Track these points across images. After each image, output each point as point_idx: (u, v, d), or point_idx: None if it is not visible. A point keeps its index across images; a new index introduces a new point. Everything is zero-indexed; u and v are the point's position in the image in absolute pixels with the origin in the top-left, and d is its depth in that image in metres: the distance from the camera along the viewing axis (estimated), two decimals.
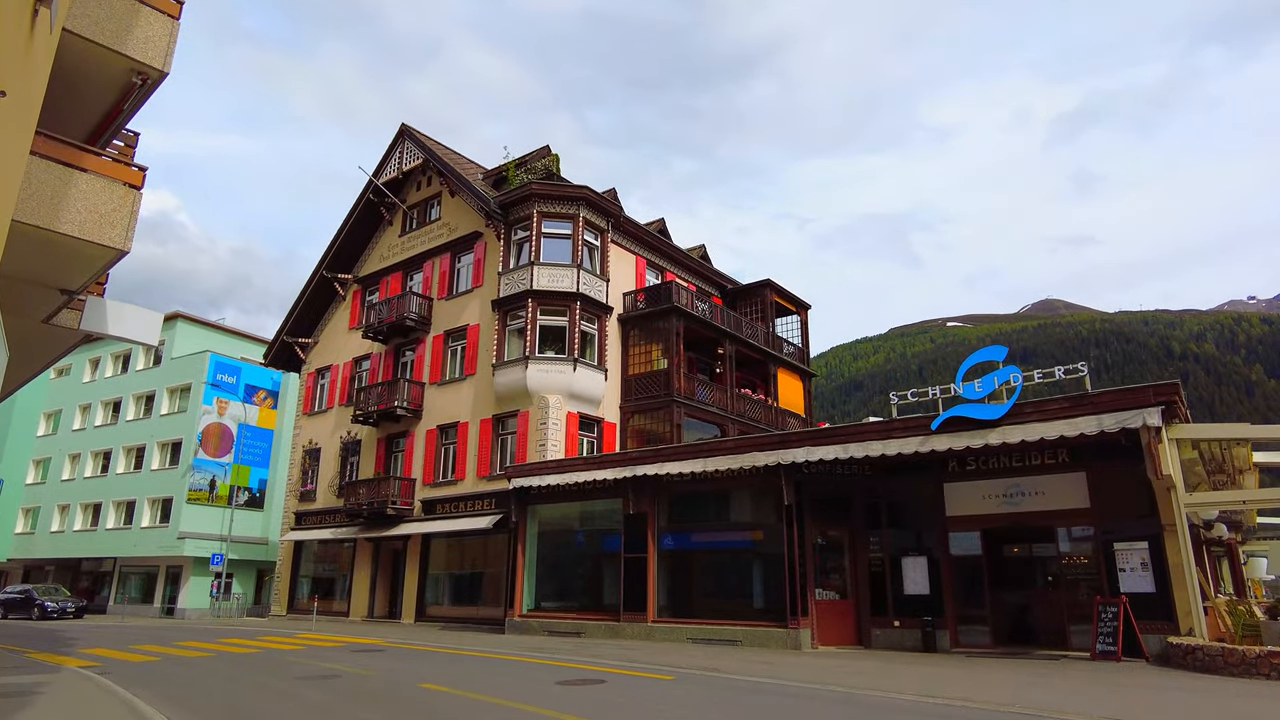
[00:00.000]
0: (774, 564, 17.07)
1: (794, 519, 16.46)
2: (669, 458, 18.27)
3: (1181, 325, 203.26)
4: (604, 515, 20.44)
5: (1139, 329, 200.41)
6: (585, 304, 25.60)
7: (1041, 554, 15.98)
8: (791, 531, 16.40)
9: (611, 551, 19.65)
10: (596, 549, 20.55)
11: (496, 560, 24.65)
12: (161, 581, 38.09)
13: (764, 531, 17.54)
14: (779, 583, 16.80)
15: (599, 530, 20.66)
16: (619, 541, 19.22)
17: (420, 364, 28.79)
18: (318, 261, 33.17)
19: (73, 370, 45.60)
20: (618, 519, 19.58)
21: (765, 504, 17.74)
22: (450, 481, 26.20)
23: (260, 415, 40.87)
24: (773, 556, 17.16)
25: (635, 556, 18.61)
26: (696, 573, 18.62)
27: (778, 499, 17.04)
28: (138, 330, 12.15)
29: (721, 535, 18.27)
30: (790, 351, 33.29)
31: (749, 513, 18.24)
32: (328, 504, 30.32)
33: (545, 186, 26.20)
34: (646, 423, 26.27)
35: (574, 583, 20.93)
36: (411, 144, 30.73)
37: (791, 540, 16.35)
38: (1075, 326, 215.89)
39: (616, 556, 19.25)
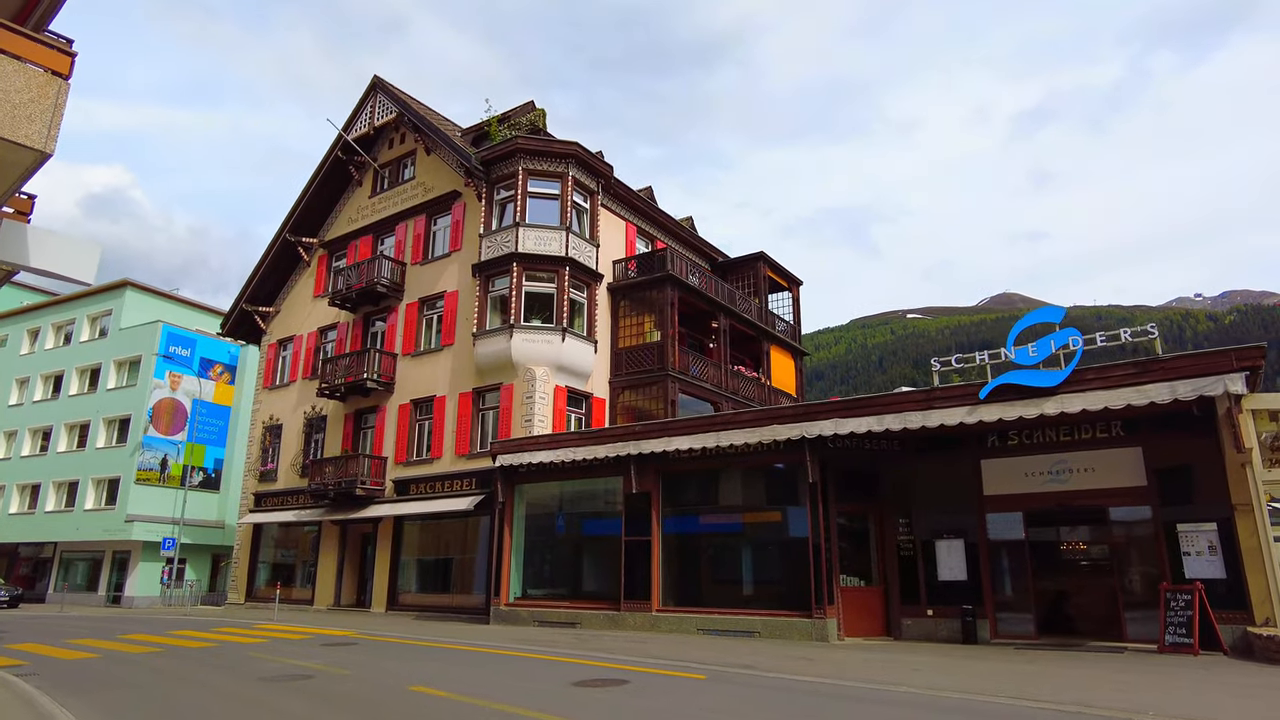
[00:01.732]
0: (794, 548, 15.54)
1: (819, 498, 14.92)
2: (677, 431, 16.60)
3: (1133, 321, 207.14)
4: (601, 495, 18.73)
5: (1093, 324, 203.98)
6: (575, 269, 23.74)
7: (1090, 536, 14.64)
8: (816, 512, 14.86)
9: (610, 535, 17.95)
10: (593, 532, 18.83)
11: (477, 544, 22.80)
12: (107, 568, 35.49)
13: (782, 512, 15.99)
14: (800, 568, 15.28)
15: (596, 512, 18.95)
16: (618, 524, 17.52)
17: (392, 334, 26.69)
18: (280, 224, 30.77)
19: (8, 341, 42.42)
20: (617, 499, 17.87)
21: (784, 482, 16.19)
22: (425, 460, 24.22)
23: (217, 391, 38.34)
24: (792, 540, 15.63)
25: (637, 540, 16.93)
26: (706, 558, 17.01)
27: (799, 477, 15.52)
28: (67, 263, 10.06)
29: (734, 517, 16.66)
30: (783, 329, 31.81)
31: (765, 492, 16.68)
32: (290, 484, 28.12)
33: (532, 142, 24.22)
34: (638, 399, 24.56)
35: (567, 569, 19.21)
36: (384, 97, 28.47)
37: (816, 522, 14.81)
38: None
39: (616, 540, 17.55)
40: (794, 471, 15.73)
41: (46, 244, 9.97)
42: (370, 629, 17.72)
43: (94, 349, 38.75)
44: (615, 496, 17.94)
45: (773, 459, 15.91)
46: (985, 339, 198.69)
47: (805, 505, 15.16)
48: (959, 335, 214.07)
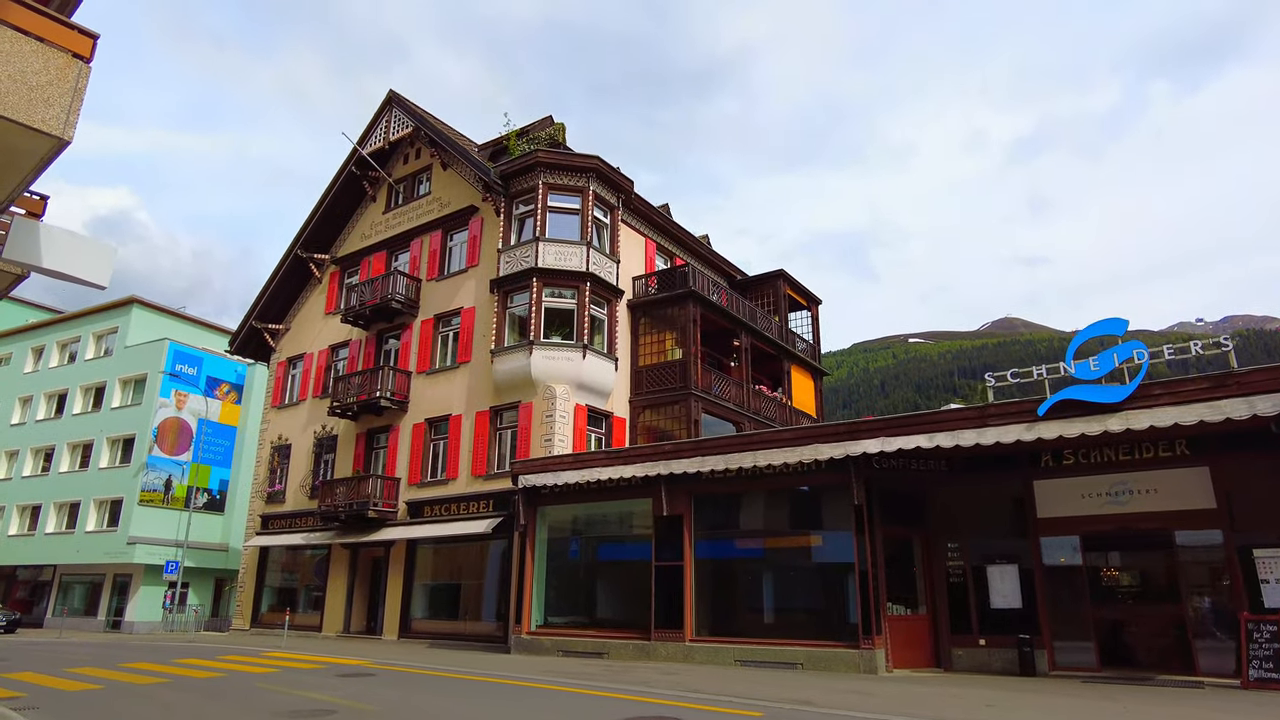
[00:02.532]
0: (837, 574, 14.75)
1: (865, 522, 14.15)
2: (710, 451, 15.85)
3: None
4: (629, 518, 17.94)
5: (1095, 348, 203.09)
6: (595, 285, 23.13)
7: (1153, 562, 13.83)
8: (863, 537, 14.07)
9: (638, 560, 17.12)
10: (620, 557, 18.00)
11: (494, 569, 21.97)
12: (108, 592, 34.55)
13: (824, 536, 15.19)
14: (843, 596, 14.49)
15: (623, 536, 18.15)
16: (648, 549, 16.71)
17: (406, 351, 26.02)
18: (291, 241, 30.24)
19: (13, 360, 41.79)
20: (646, 522, 17.07)
21: (826, 504, 15.41)
22: (440, 481, 23.44)
23: (223, 410, 37.62)
24: (834, 566, 14.85)
25: (669, 565, 16.12)
26: (742, 585, 16.17)
27: (841, 499, 14.76)
28: (81, 264, 9.43)
29: (772, 541, 15.85)
30: (803, 348, 31.14)
31: (805, 515, 15.88)
32: (298, 506, 27.31)
33: (552, 155, 23.73)
34: (658, 418, 23.83)
35: (592, 595, 18.35)
36: (400, 112, 28.05)
37: (863, 546, 14.02)
38: (1034, 344, 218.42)
39: (645, 566, 16.73)
40: (836, 493, 14.97)
41: (60, 244, 9.34)
42: (386, 658, 16.86)
43: (99, 367, 38.10)
44: (644, 519, 17.14)
45: (813, 480, 15.15)
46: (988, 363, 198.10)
47: (850, 529, 14.37)
48: (961, 360, 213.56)
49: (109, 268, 9.70)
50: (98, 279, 9.58)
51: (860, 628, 13.74)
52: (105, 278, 9.67)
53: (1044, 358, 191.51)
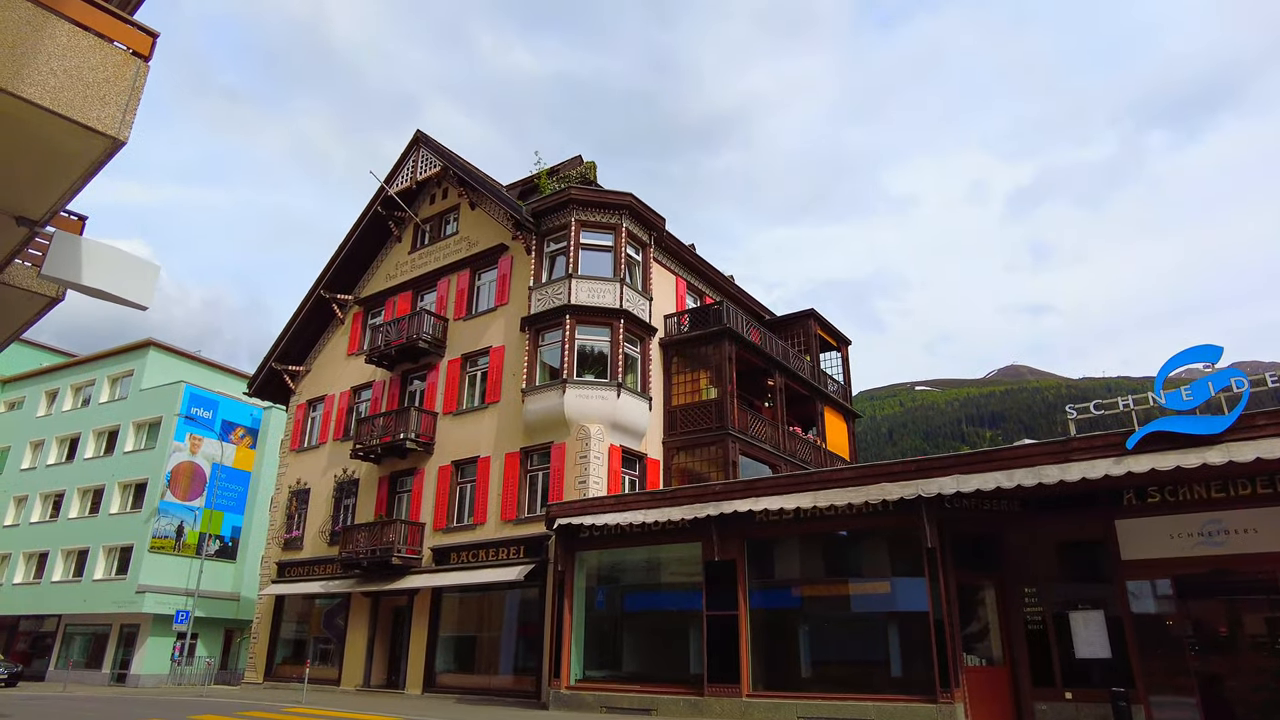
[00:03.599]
0: (908, 623, 13.77)
1: (939, 566, 13.23)
2: (764, 491, 15.00)
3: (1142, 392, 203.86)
4: (676, 563, 16.97)
5: (1103, 395, 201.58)
6: (629, 322, 22.52)
7: (1256, 609, 12.83)
8: (937, 582, 13.15)
9: (687, 609, 16.14)
10: (666, 606, 16.99)
11: (525, 619, 20.91)
12: (114, 643, 33.31)
13: (892, 583, 14.24)
14: (916, 646, 13.49)
15: (668, 582, 17.16)
16: (697, 596, 15.74)
17: (432, 392, 25.32)
18: (314, 281, 29.83)
19: (25, 403, 41.22)
20: (695, 568, 16.12)
21: (893, 548, 14.50)
22: (468, 526, 22.51)
23: (237, 455, 36.83)
24: (905, 615, 13.88)
25: (721, 615, 15.13)
26: (801, 634, 15.15)
27: (910, 542, 13.88)
28: (124, 283, 8.81)
29: (833, 588, 14.89)
30: (834, 389, 30.37)
31: (871, 560, 14.93)
32: (317, 553, 26.33)
33: (585, 192, 23.36)
34: (693, 460, 22.99)
35: (636, 647, 17.30)
36: (428, 151, 27.85)
37: (937, 593, 13.08)
38: (1042, 392, 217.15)
39: (694, 615, 15.74)
40: (904, 536, 14.07)
41: (101, 261, 8.72)
42: (414, 714, 15.79)
43: (113, 410, 37.45)
44: (691, 565, 16.19)
45: (878, 522, 14.26)
46: (996, 411, 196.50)
47: (923, 574, 13.45)
48: (969, 407, 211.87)
49: (152, 288, 9.08)
50: (140, 299, 8.95)
51: (937, 680, 12.72)
52: (148, 298, 9.04)
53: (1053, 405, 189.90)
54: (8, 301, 10.11)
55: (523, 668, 20.36)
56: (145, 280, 9.03)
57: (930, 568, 13.29)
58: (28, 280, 9.91)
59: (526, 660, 20.40)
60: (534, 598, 20.55)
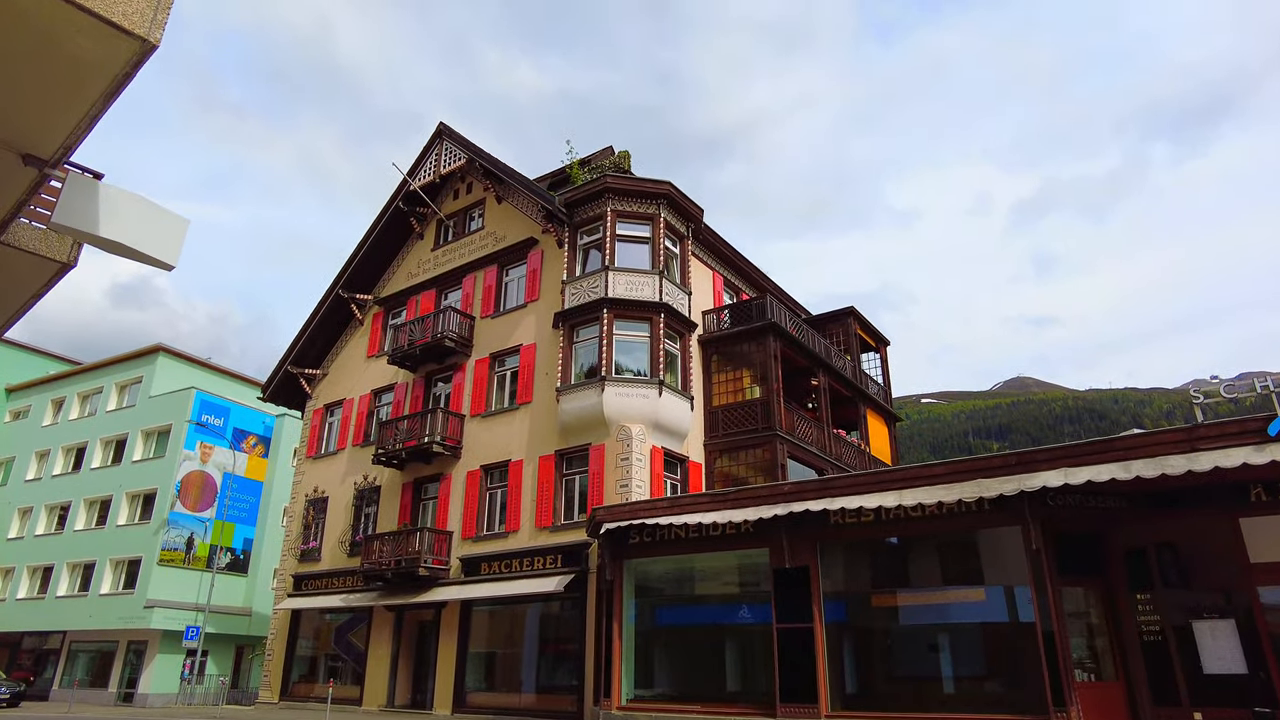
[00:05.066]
0: (1007, 634, 12.42)
1: (1044, 571, 11.86)
2: (841, 490, 13.65)
3: (1151, 403, 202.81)
4: (739, 571, 15.61)
5: (1110, 406, 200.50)
6: (670, 317, 21.26)
7: None
8: (1043, 589, 11.77)
9: (752, 622, 14.77)
10: (727, 619, 15.59)
11: (564, 633, 19.53)
12: (120, 660, 31.93)
13: (987, 590, 12.85)
14: (1018, 660, 12.13)
15: (730, 593, 15.79)
16: (764, 608, 14.35)
17: (458, 394, 24.03)
18: (332, 281, 28.62)
19: (31, 413, 40.06)
20: (761, 576, 14.76)
21: (988, 550, 13.14)
22: (499, 534, 21.15)
23: (249, 464, 35.54)
24: (1003, 625, 12.52)
25: (794, 627, 13.74)
26: (884, 648, 13.76)
27: (1006, 544, 12.55)
28: (147, 237, 7.55)
29: (919, 596, 13.51)
30: (875, 391, 29.02)
31: (962, 564, 13.54)
32: (336, 565, 24.97)
33: (622, 181, 22.17)
34: (735, 464, 21.64)
35: (694, 664, 15.88)
36: (452, 144, 26.70)
37: (1044, 601, 11.70)
38: (1049, 404, 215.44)
39: (761, 629, 14.37)
40: (998, 538, 12.75)
41: (123, 210, 7.48)
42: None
43: (121, 418, 36.23)
44: (760, 572, 14.81)
45: (971, 522, 12.89)
46: (1002, 423, 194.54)
47: (1019, 580, 12.11)
48: (975, 420, 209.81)
49: (179, 244, 7.83)
50: (165, 256, 7.70)
51: (1049, 698, 11.31)
52: (174, 255, 7.79)
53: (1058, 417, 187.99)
54: (12, 268, 8.87)
55: (561, 686, 18.94)
56: (172, 235, 7.78)
57: (1035, 573, 11.91)
58: (35, 241, 8.67)
59: (565, 678, 18.99)
60: (573, 610, 19.18)
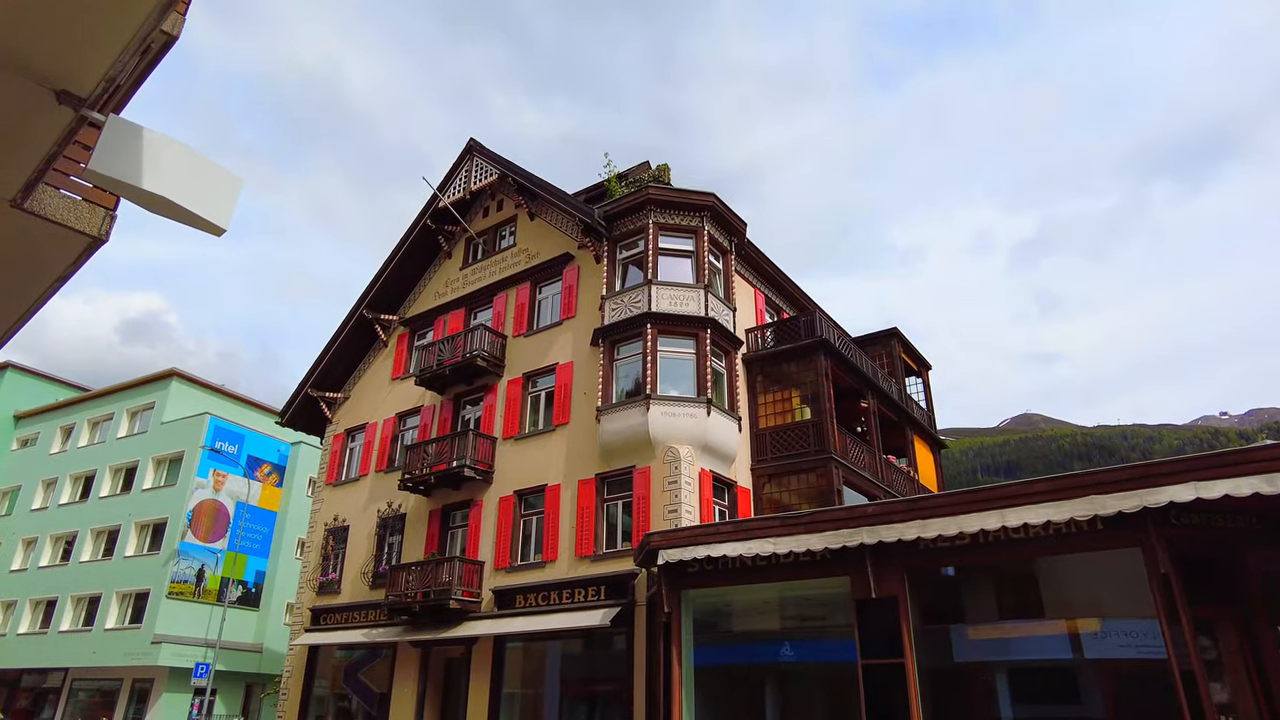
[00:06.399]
0: (1125, 671, 11.04)
1: (1176, 600, 10.52)
2: (936, 511, 12.34)
3: (1160, 440, 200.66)
4: (812, 603, 14.27)
5: (1119, 443, 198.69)
6: (716, 333, 20.17)
7: None
8: (1175, 621, 10.42)
9: (830, 660, 13.43)
10: (802, 656, 14.18)
11: (608, 672, 18.10)
12: (125, 699, 30.36)
13: (1103, 623, 11.48)
14: (1140, 698, 10.77)
15: (803, 625, 14.43)
16: (844, 643, 12.96)
17: (489, 416, 22.85)
18: (355, 301, 27.65)
19: (39, 440, 38.96)
20: (839, 608, 13.42)
21: (1099, 578, 11.81)
22: (535, 564, 19.81)
23: (263, 494, 34.27)
24: (1122, 661, 11.12)
25: (881, 664, 12.34)
26: (985, 686, 12.35)
27: (1122, 569, 11.21)
28: (197, 195, 6.48)
29: (1024, 629, 12.13)
30: (920, 415, 27.76)
31: (1072, 592, 12.18)
32: (357, 597, 23.57)
33: (664, 193, 21.24)
34: (782, 490, 20.36)
35: (759, 705, 14.45)
36: (482, 159, 25.91)
37: (1179, 634, 10.35)
38: (1057, 440, 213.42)
39: (840, 667, 12.98)
40: (1113, 562, 11.43)
41: (169, 160, 6.39)
42: None
43: (131, 445, 35.11)
44: (837, 604, 13.47)
45: (1081, 544, 11.53)
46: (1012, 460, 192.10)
47: (1143, 611, 10.76)
48: (984, 457, 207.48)
49: (232, 205, 6.72)
50: (216, 218, 6.58)
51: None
52: (225, 218, 6.67)
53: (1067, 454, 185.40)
54: (36, 242, 7.80)
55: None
56: (224, 194, 6.68)
57: (1166, 601, 10.56)
58: (64, 212, 7.61)
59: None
60: (618, 646, 17.78)
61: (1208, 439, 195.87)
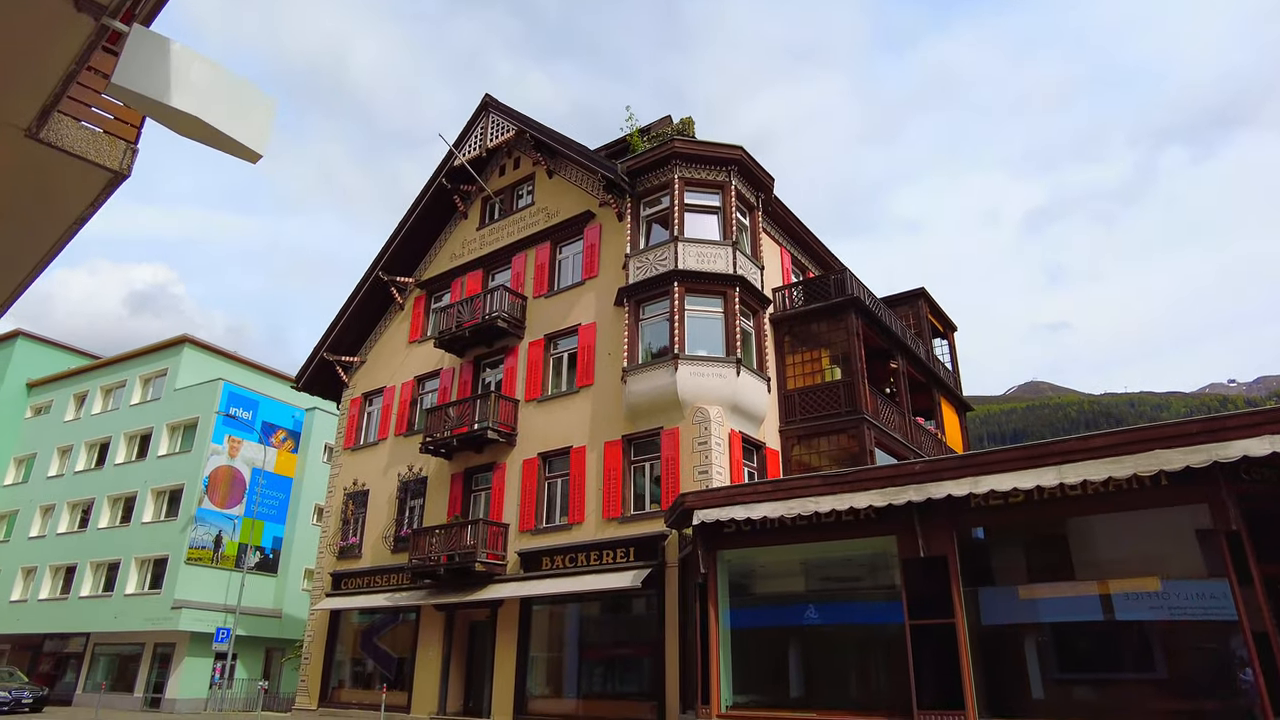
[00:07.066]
0: (1189, 632, 10.63)
1: (1246, 557, 10.06)
2: (989, 467, 11.87)
3: (1168, 408, 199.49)
4: (854, 564, 13.87)
5: (1126, 411, 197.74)
6: (744, 291, 19.61)
7: None
8: (1247, 580, 9.97)
9: (873, 621, 13.07)
10: (843, 618, 13.84)
11: (635, 634, 17.87)
12: (147, 663, 30.41)
13: (1164, 582, 11.04)
14: (1205, 662, 10.37)
15: (845, 586, 14.05)
16: (889, 604, 12.59)
17: (510, 378, 22.41)
18: (370, 264, 27.12)
19: (53, 408, 38.76)
20: (882, 567, 13.05)
21: (1162, 535, 11.35)
22: (561, 527, 19.49)
23: (278, 460, 34.04)
24: (1182, 623, 10.70)
25: (929, 625, 11.95)
26: (1039, 648, 11.97)
27: (1182, 526, 10.80)
28: (229, 115, 5.95)
29: (1080, 588, 11.68)
30: (947, 377, 27.22)
31: (1131, 550, 11.71)
32: (379, 561, 23.36)
33: (690, 146, 20.54)
34: (812, 452, 19.93)
35: (797, 666, 14.14)
36: (499, 115, 25.19)
37: (1250, 595, 9.90)
38: (1064, 408, 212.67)
39: (885, 627, 12.63)
40: (1175, 519, 10.98)
41: (199, 78, 5.86)
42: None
43: (145, 412, 34.87)
44: (881, 564, 13.08)
45: (1142, 500, 11.05)
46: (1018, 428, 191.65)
47: (1216, 570, 10.30)
48: (990, 425, 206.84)
49: (268, 129, 6.22)
50: (251, 142, 6.07)
51: (1267, 710, 9.50)
52: (261, 142, 6.17)
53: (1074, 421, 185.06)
54: (54, 178, 7.27)
55: (636, 692, 17.27)
56: (259, 117, 6.15)
57: (1235, 560, 10.11)
58: (83, 143, 7.07)
59: (641, 683, 17.32)
60: (647, 608, 17.51)
61: (1215, 407, 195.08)
